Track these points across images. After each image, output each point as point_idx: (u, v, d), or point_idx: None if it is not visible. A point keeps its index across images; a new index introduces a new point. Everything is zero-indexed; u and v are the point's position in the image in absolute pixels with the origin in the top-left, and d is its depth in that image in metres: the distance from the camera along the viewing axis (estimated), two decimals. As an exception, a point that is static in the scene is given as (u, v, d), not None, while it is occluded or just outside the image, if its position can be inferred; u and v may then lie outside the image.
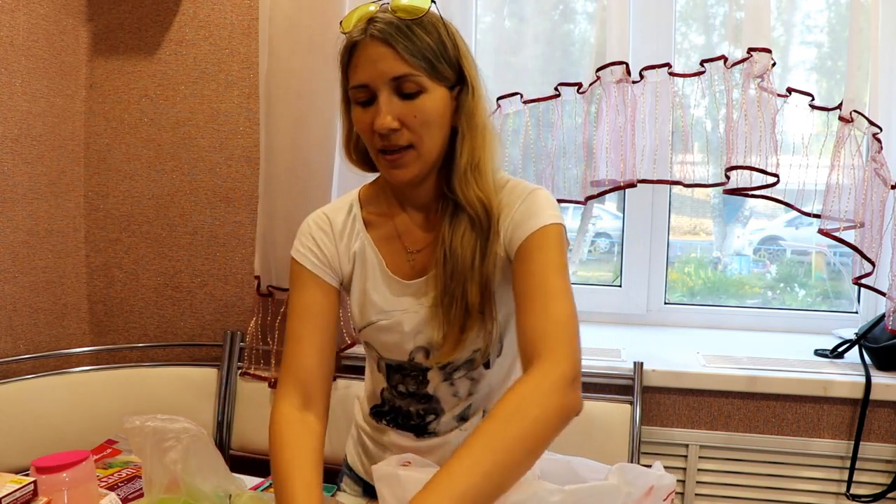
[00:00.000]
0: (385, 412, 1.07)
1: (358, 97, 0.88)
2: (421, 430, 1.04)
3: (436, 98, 0.87)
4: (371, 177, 1.04)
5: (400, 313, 0.97)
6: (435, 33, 0.87)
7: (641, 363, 1.49)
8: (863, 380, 1.44)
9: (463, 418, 1.03)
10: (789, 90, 1.43)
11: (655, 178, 1.50)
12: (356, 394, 1.19)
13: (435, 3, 0.88)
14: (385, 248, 0.98)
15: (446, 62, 0.88)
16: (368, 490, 1.12)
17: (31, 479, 0.86)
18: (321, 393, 0.95)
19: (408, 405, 1.04)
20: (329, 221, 0.99)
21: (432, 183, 0.95)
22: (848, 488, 1.46)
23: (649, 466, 0.87)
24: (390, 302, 0.97)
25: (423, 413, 1.03)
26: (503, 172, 0.98)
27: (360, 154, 0.99)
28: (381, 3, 0.89)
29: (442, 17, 0.90)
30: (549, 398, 0.74)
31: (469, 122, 0.91)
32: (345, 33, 0.89)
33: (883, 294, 1.46)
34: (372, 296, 0.98)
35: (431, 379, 1.01)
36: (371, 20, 0.86)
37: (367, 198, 1.02)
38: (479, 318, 0.92)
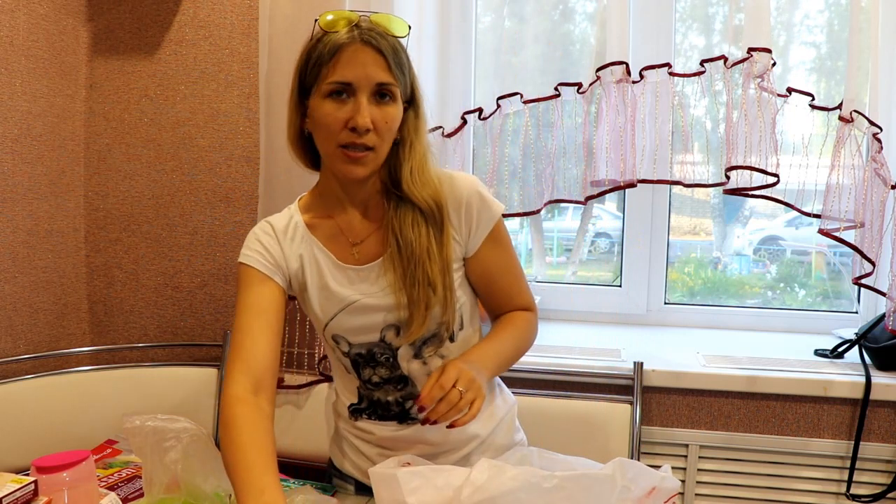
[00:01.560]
0: (363, 409, 1.08)
1: (335, 91, 0.94)
2: (402, 417, 1.06)
3: (398, 109, 0.98)
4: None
5: (362, 297, 1.02)
6: (406, 54, 0.99)
7: (641, 363, 1.49)
8: (863, 380, 1.44)
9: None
10: (789, 90, 1.43)
11: (655, 178, 1.50)
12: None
13: (410, 28, 1.00)
14: (331, 245, 1.05)
15: (409, 82, 1.00)
16: (359, 487, 1.13)
17: (32, 478, 0.86)
18: (270, 381, 0.97)
19: (385, 395, 1.06)
20: (272, 227, 1.06)
21: (372, 182, 1.04)
22: (848, 488, 1.46)
23: (655, 467, 0.87)
24: (350, 289, 1.02)
25: (402, 400, 1.05)
26: (436, 166, 1.08)
27: (302, 149, 1.06)
28: (360, 12, 0.98)
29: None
30: (534, 334, 1.14)
31: (416, 134, 1.03)
32: (326, 30, 0.95)
33: (883, 294, 1.46)
34: (332, 287, 1.02)
35: (402, 359, 1.04)
36: (358, 27, 0.94)
37: (305, 206, 1.09)
38: (442, 294, 1.01)
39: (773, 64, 1.39)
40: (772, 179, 1.40)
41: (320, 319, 1.05)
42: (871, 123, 1.39)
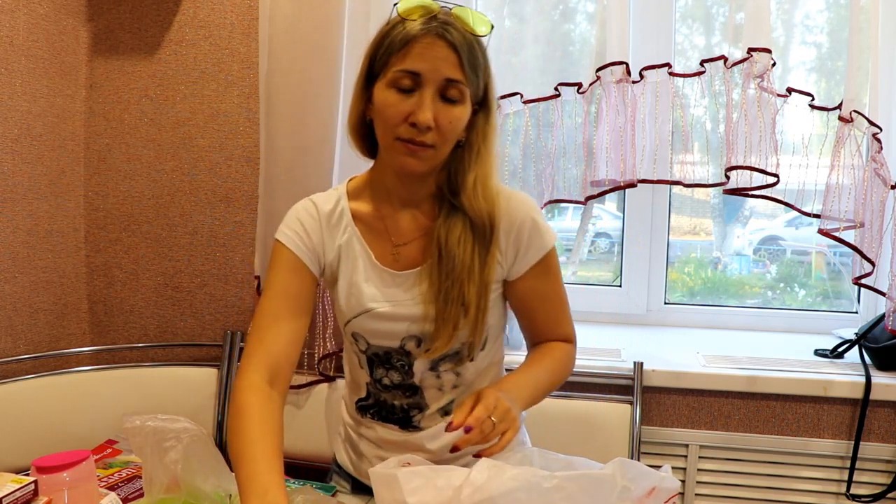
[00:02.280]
0: (369, 406, 1.07)
1: (401, 82, 0.90)
2: (405, 423, 1.05)
3: (465, 111, 0.93)
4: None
5: (390, 304, 0.99)
6: (485, 55, 0.95)
7: (641, 363, 1.49)
8: (863, 380, 1.44)
9: (447, 412, 1.05)
10: (789, 90, 1.43)
11: (655, 178, 1.50)
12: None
13: (493, 28, 0.95)
14: (372, 240, 1.01)
15: (483, 84, 0.95)
16: (357, 486, 1.13)
17: (32, 478, 0.86)
18: (287, 372, 0.96)
19: (392, 398, 1.05)
20: (317, 209, 1.01)
21: (428, 183, 1.00)
22: (848, 488, 1.46)
23: (655, 467, 0.87)
24: (381, 292, 1.00)
25: (408, 408, 1.04)
26: (499, 180, 1.03)
27: (361, 136, 1.01)
28: (442, 3, 0.93)
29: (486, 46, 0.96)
30: (571, 366, 1.11)
31: (484, 141, 0.98)
32: (402, 17, 0.91)
33: (883, 294, 1.46)
34: (362, 286, 1.00)
35: (417, 369, 1.02)
36: (436, 18, 0.90)
37: (354, 191, 1.05)
38: (473, 316, 0.97)
39: (773, 64, 1.39)
40: (772, 179, 1.40)
41: (344, 314, 1.02)
42: (871, 123, 1.39)
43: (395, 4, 0.93)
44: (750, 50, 1.38)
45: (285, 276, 0.98)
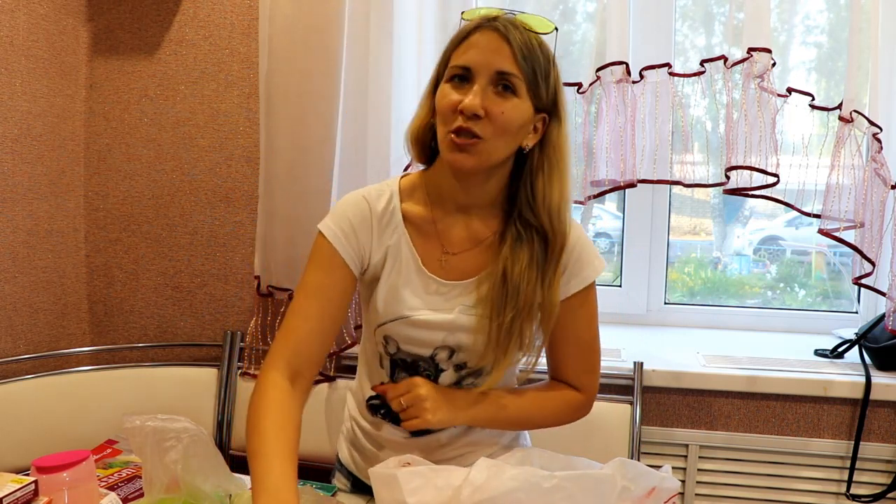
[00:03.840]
0: (381, 405, 1.06)
1: (455, 74, 0.90)
2: (416, 431, 1.03)
3: (522, 108, 0.90)
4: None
5: (430, 311, 0.97)
6: (547, 56, 0.92)
7: (641, 363, 1.49)
8: (863, 380, 1.44)
9: None
10: (789, 90, 1.43)
11: (655, 178, 1.50)
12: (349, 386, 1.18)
13: (557, 30, 0.94)
14: (420, 244, 0.98)
15: (545, 85, 0.92)
16: (357, 485, 1.13)
17: (32, 478, 0.86)
18: (310, 372, 0.95)
19: None
20: (370, 208, 0.98)
21: (490, 190, 0.97)
22: (848, 488, 1.46)
23: (655, 467, 0.87)
24: (423, 299, 0.97)
25: None
26: None
27: (422, 144, 0.99)
28: (507, 11, 0.93)
29: (554, 53, 0.94)
30: (570, 416, 1.07)
31: (556, 153, 0.94)
32: (465, 20, 0.93)
33: (883, 294, 1.46)
34: (402, 292, 0.97)
35: (443, 381, 1.01)
36: (496, 19, 0.90)
37: (406, 190, 1.01)
38: (526, 351, 0.99)
39: (773, 64, 1.39)
40: (772, 179, 1.39)
41: (379, 317, 0.99)
42: (871, 123, 1.38)
43: (461, 13, 0.95)
44: (750, 50, 1.38)
45: (322, 275, 0.95)
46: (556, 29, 0.93)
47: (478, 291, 0.96)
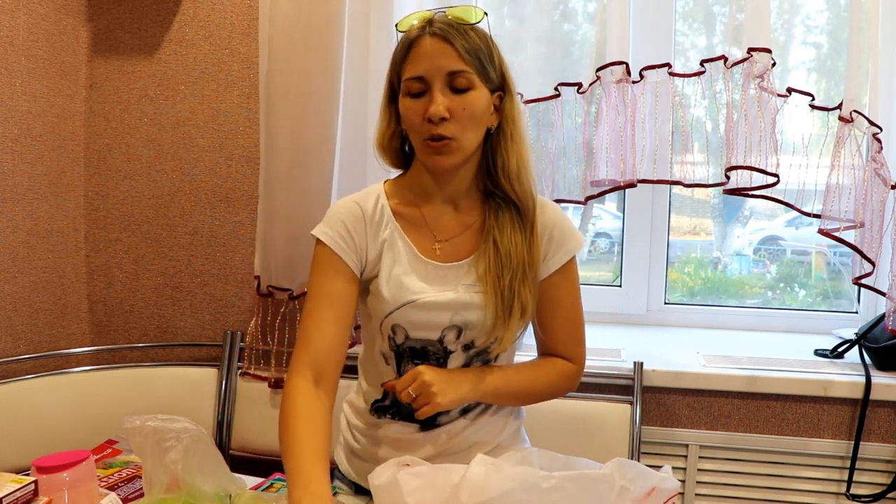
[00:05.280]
0: (388, 406, 1.07)
1: (411, 88, 0.97)
2: (426, 424, 1.04)
3: (481, 97, 0.97)
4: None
5: (435, 290, 1.01)
6: (485, 39, 0.98)
7: (641, 363, 1.49)
8: (863, 380, 1.44)
9: (466, 409, 1.05)
10: (789, 90, 1.43)
11: (655, 178, 1.50)
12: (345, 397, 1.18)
13: (487, 15, 0.99)
14: (413, 235, 1.04)
15: (492, 67, 0.99)
16: (358, 489, 1.13)
17: (32, 478, 0.86)
18: (333, 373, 0.99)
19: None
20: (360, 209, 1.04)
21: (466, 176, 1.04)
22: (848, 488, 1.46)
23: (655, 467, 0.87)
24: (425, 283, 1.02)
25: None
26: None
27: (393, 150, 1.06)
28: (437, 10, 0.99)
29: (488, 31, 1.00)
30: (566, 386, 1.12)
31: (513, 125, 1.01)
32: (401, 32, 0.98)
33: (883, 294, 1.46)
34: (404, 279, 1.01)
35: (452, 363, 1.03)
36: (430, 21, 0.97)
37: (392, 191, 1.08)
38: (529, 316, 1.03)
39: (773, 64, 1.39)
40: (772, 179, 1.39)
41: (386, 306, 1.02)
42: (871, 123, 1.38)
43: (395, 25, 0.99)
44: (750, 50, 1.38)
45: (327, 279, 1.00)
46: (486, 14, 0.99)
47: (476, 270, 1.02)
